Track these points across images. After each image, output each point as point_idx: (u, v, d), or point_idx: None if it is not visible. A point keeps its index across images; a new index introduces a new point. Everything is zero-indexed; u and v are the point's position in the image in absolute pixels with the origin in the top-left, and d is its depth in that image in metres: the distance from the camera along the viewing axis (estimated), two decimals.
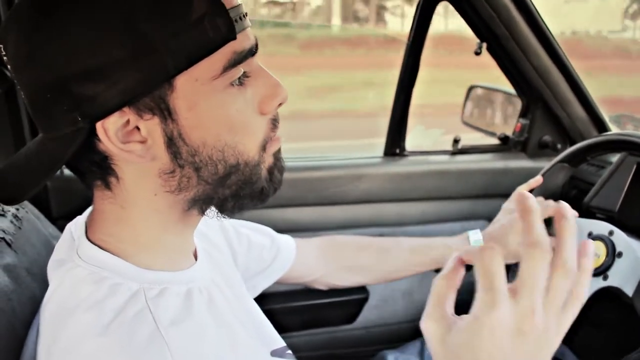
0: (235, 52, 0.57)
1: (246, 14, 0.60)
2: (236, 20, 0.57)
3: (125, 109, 0.55)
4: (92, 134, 0.56)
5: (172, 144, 0.58)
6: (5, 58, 0.58)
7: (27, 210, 0.93)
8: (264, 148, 0.64)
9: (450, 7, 1.37)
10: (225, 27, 0.56)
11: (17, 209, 0.90)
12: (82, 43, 0.53)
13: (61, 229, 0.73)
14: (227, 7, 0.56)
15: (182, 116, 0.57)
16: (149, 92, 0.55)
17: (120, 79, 0.53)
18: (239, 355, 0.66)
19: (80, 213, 0.71)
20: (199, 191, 0.62)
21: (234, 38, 0.57)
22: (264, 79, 0.63)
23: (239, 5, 0.59)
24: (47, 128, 0.58)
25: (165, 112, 0.56)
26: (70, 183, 1.28)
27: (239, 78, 0.60)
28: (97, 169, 0.60)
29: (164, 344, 0.55)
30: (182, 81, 0.56)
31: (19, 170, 0.60)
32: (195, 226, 0.71)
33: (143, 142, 0.58)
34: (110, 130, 0.56)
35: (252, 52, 0.60)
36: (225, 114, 0.59)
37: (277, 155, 0.68)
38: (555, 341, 0.49)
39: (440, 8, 1.38)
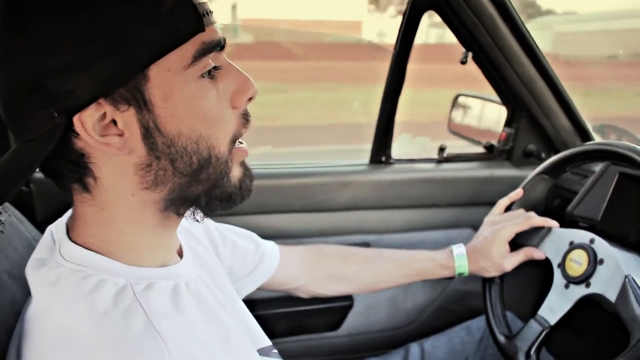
0: (204, 43, 0.59)
1: (212, 11, 0.62)
2: (204, 15, 0.59)
3: (102, 101, 0.56)
4: (69, 130, 0.57)
5: (148, 134, 0.59)
6: None
7: (10, 214, 0.93)
8: (233, 143, 0.66)
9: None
10: (195, 19, 0.58)
11: (0, 213, 0.89)
12: (56, 39, 0.54)
13: (44, 232, 0.72)
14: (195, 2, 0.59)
15: (158, 106, 0.58)
16: (124, 83, 0.56)
17: (95, 72, 0.54)
18: (228, 348, 0.67)
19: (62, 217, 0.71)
20: (174, 185, 0.63)
21: (203, 30, 0.59)
22: (235, 74, 0.65)
23: (204, 2, 0.61)
24: (21, 131, 0.58)
25: (141, 102, 0.58)
26: (54, 187, 1.26)
27: (210, 71, 0.62)
28: (74, 168, 0.61)
29: (157, 335, 0.57)
30: (156, 71, 0.57)
31: None
32: (175, 227, 0.72)
33: (120, 135, 0.59)
34: (87, 124, 0.57)
35: (220, 45, 0.62)
36: (199, 104, 0.61)
37: (244, 166, 0.70)
38: None
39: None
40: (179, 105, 0.59)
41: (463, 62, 1.41)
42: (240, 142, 0.68)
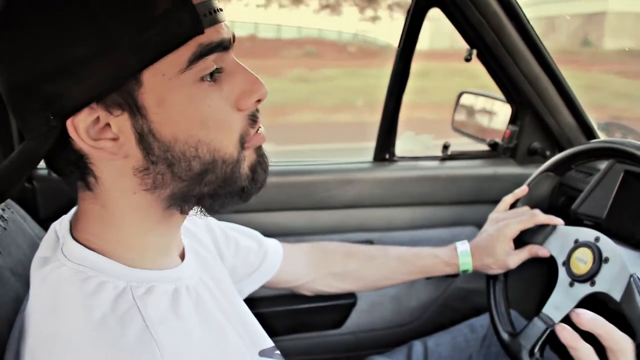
0: (201, 45, 0.56)
1: (220, 9, 0.60)
2: (205, 15, 0.56)
3: (94, 106, 0.56)
4: (66, 132, 0.57)
5: (143, 140, 0.58)
6: None
7: (14, 211, 0.93)
8: (242, 145, 0.63)
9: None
10: (190, 21, 0.55)
11: (3, 210, 0.89)
12: (48, 41, 0.53)
13: (47, 229, 0.72)
14: (195, 1, 0.56)
15: (152, 111, 0.57)
16: (116, 88, 0.55)
17: (86, 76, 0.54)
18: (226, 354, 0.67)
19: (66, 214, 0.71)
20: (175, 188, 0.61)
21: (201, 32, 0.56)
22: (242, 75, 0.62)
23: (208, 1, 0.58)
24: (24, 128, 0.58)
25: (134, 108, 0.56)
26: (57, 184, 1.26)
27: (211, 74, 0.59)
28: (75, 168, 0.61)
29: (153, 343, 0.56)
30: (149, 76, 0.55)
31: (2, 172, 0.60)
32: (179, 226, 0.71)
33: (115, 139, 0.58)
34: (80, 128, 0.56)
35: (223, 46, 0.59)
36: (196, 109, 0.58)
37: (260, 152, 0.67)
38: None
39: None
40: (174, 110, 0.57)
41: (467, 60, 1.41)
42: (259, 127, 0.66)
